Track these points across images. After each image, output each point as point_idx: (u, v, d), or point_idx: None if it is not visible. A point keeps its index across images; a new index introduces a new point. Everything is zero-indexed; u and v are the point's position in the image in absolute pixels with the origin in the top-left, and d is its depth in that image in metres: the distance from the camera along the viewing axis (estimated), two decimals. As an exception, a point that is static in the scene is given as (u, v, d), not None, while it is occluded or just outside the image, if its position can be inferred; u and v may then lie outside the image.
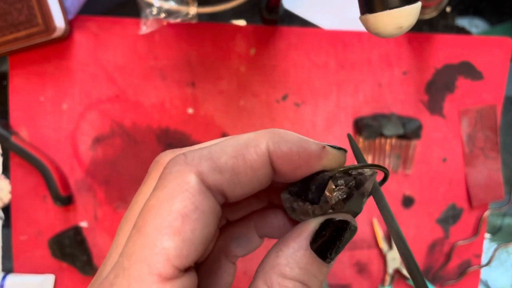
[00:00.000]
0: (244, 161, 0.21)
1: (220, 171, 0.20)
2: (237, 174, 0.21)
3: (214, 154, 0.21)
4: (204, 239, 0.20)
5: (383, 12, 0.34)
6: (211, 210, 0.20)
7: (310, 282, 0.21)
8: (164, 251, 0.18)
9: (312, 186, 0.23)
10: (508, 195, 0.66)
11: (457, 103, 0.65)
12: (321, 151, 0.22)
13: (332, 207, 0.23)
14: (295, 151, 0.22)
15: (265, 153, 0.21)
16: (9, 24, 0.58)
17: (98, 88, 0.63)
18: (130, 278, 0.18)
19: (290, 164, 0.22)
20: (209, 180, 0.20)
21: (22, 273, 0.64)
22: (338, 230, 0.22)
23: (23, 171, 0.63)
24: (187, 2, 0.60)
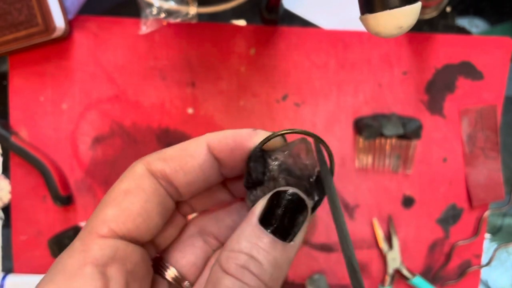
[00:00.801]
0: (185, 151, 0.25)
1: (164, 160, 0.24)
2: (179, 163, 0.24)
3: (163, 150, 0.25)
4: (143, 211, 0.23)
5: (383, 12, 0.34)
6: (153, 190, 0.24)
7: (259, 255, 0.22)
8: (103, 216, 0.23)
9: (252, 164, 0.24)
10: (508, 195, 0.66)
11: (457, 103, 0.64)
12: (251, 132, 0.25)
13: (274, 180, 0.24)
14: (230, 136, 0.25)
15: (202, 143, 0.25)
16: (9, 24, 0.58)
17: (98, 88, 0.63)
18: (75, 239, 0.23)
19: (227, 149, 0.24)
20: (153, 167, 0.24)
21: (22, 273, 0.64)
22: (277, 201, 0.23)
23: (23, 171, 0.63)
24: (187, 2, 0.60)
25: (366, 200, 0.65)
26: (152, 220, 0.24)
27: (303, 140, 0.25)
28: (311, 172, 0.25)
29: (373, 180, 0.65)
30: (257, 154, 0.24)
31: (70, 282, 0.21)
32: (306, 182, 0.25)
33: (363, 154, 0.64)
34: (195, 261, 0.28)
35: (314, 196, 0.25)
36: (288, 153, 0.24)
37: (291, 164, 0.24)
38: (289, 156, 0.24)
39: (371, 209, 0.65)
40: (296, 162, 0.24)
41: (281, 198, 0.23)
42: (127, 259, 0.23)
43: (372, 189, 0.65)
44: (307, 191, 0.24)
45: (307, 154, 0.25)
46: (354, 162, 0.64)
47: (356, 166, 0.64)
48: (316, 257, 0.65)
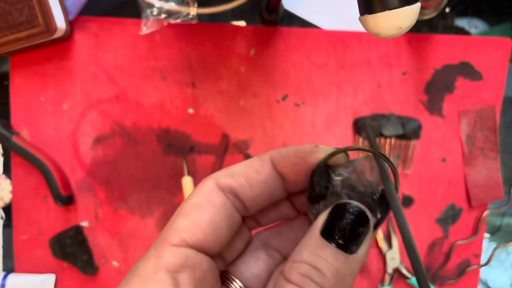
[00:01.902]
0: (250, 167, 0.26)
1: (231, 176, 0.26)
2: (246, 178, 0.26)
3: (231, 167, 0.27)
4: (212, 223, 0.25)
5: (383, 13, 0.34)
6: (221, 204, 0.25)
7: (321, 265, 0.22)
8: (175, 227, 0.24)
9: (315, 179, 0.25)
10: (507, 195, 0.66)
11: (457, 103, 0.65)
12: (314, 148, 0.26)
13: (337, 195, 0.24)
14: (292, 152, 0.26)
15: (267, 160, 0.26)
16: (10, 25, 0.58)
17: (99, 88, 0.63)
18: (150, 248, 0.25)
19: (290, 164, 0.26)
20: (222, 182, 0.26)
21: (23, 272, 0.65)
22: (339, 213, 0.24)
23: (24, 171, 0.64)
24: (187, 3, 0.61)
25: (366, 199, 0.65)
26: (220, 231, 0.25)
27: (368, 157, 0.25)
28: (375, 190, 0.25)
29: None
30: (321, 169, 0.25)
31: (145, 285, 0.23)
32: (369, 199, 0.25)
33: (363, 154, 0.64)
34: (259, 274, 0.29)
35: (377, 214, 0.25)
36: (352, 169, 0.25)
37: (355, 180, 0.25)
38: (353, 172, 0.25)
39: (370, 208, 0.65)
40: (359, 178, 0.25)
41: (343, 210, 0.23)
42: (197, 267, 0.24)
43: (371, 189, 0.65)
44: (370, 208, 0.24)
45: (371, 172, 0.25)
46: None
47: (356, 166, 0.65)
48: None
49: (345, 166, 0.25)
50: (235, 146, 0.64)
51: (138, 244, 0.65)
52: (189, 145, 0.64)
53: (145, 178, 0.64)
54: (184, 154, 0.64)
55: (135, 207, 0.64)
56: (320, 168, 0.25)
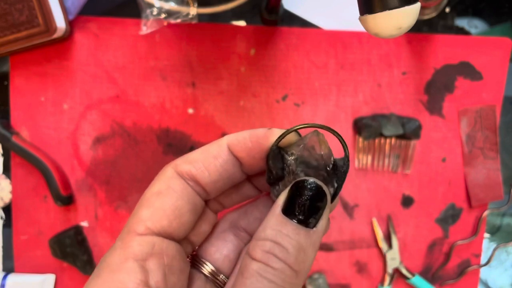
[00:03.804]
0: (208, 153, 0.27)
1: (189, 162, 0.27)
2: (203, 163, 0.27)
3: (189, 154, 0.28)
4: (175, 209, 0.26)
5: (383, 13, 0.34)
6: (182, 190, 0.26)
7: (284, 241, 0.23)
8: (139, 216, 0.25)
9: (271, 162, 0.26)
10: (507, 195, 0.66)
11: (457, 103, 0.65)
12: (266, 131, 0.27)
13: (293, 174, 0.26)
14: (247, 137, 0.27)
15: (223, 145, 0.27)
16: (10, 25, 0.58)
17: (99, 88, 0.63)
18: (116, 240, 0.26)
19: (245, 149, 0.27)
20: (181, 169, 0.27)
21: (23, 272, 0.65)
22: (297, 191, 0.24)
23: (24, 171, 0.64)
24: (187, 3, 0.61)
25: (366, 199, 0.65)
26: (183, 216, 0.26)
27: (315, 133, 0.26)
28: (327, 162, 0.26)
29: (373, 180, 0.65)
30: (274, 152, 0.26)
31: (114, 275, 0.24)
32: (324, 171, 0.26)
33: (363, 154, 0.64)
34: (228, 255, 0.30)
35: (334, 183, 0.26)
36: (303, 147, 0.26)
37: (307, 157, 0.26)
38: (304, 149, 0.26)
39: (370, 208, 0.65)
40: (311, 154, 0.26)
41: (301, 187, 0.24)
42: (164, 254, 0.25)
43: (371, 189, 0.65)
44: (325, 180, 0.26)
45: (320, 145, 0.26)
46: (353, 162, 0.65)
47: (356, 166, 0.65)
48: (316, 256, 0.65)
49: (296, 145, 0.26)
50: (235, 146, 0.64)
51: (138, 244, 0.65)
52: (189, 145, 0.64)
53: (145, 178, 0.64)
54: (184, 154, 0.64)
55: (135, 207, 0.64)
56: (273, 151, 0.26)
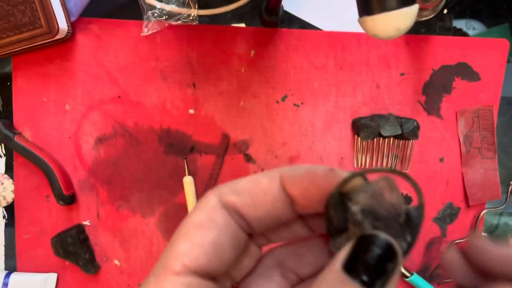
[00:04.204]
0: (257, 186, 0.24)
1: (237, 193, 0.24)
2: (252, 196, 0.24)
3: (235, 182, 0.25)
4: (215, 245, 0.23)
5: (381, 14, 0.35)
6: (224, 223, 0.23)
7: None
8: (175, 251, 0.23)
9: (332, 211, 0.23)
10: (505, 195, 0.67)
11: (454, 104, 0.65)
12: (328, 172, 0.23)
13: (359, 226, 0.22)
14: (305, 175, 0.23)
15: (276, 179, 0.24)
16: (12, 26, 0.58)
17: (101, 89, 0.64)
18: (150, 275, 0.23)
19: (301, 188, 0.23)
20: (226, 199, 0.24)
21: (25, 271, 0.65)
22: (364, 246, 0.21)
23: (26, 170, 0.64)
24: (188, 5, 0.61)
25: (365, 199, 0.65)
26: (224, 252, 0.23)
27: (385, 178, 0.23)
28: (398, 212, 0.22)
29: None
30: (336, 199, 0.23)
31: None
32: (395, 223, 0.22)
33: (361, 154, 0.65)
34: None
35: (406, 237, 0.22)
36: (371, 194, 0.22)
37: (375, 206, 0.22)
38: (372, 197, 0.22)
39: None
40: (380, 202, 0.22)
41: (368, 243, 0.21)
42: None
43: (370, 188, 0.65)
44: (396, 234, 0.22)
45: (391, 193, 0.22)
46: (352, 162, 0.65)
47: (355, 165, 0.65)
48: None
49: (362, 191, 0.22)
50: (235, 146, 0.65)
51: (140, 243, 0.65)
52: (190, 145, 0.64)
53: (146, 177, 0.64)
54: (185, 154, 0.64)
55: (137, 206, 0.65)
56: (335, 198, 0.23)
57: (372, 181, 0.23)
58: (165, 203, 0.65)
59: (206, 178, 0.65)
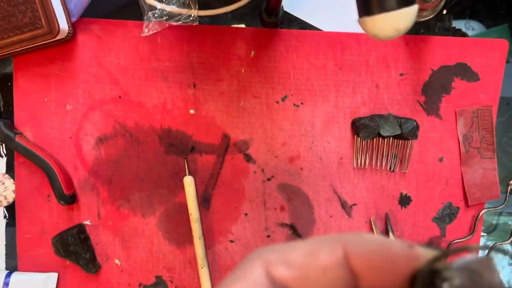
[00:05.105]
0: (315, 259, 0.19)
1: (288, 265, 0.19)
2: (306, 272, 0.19)
3: (287, 248, 0.20)
4: None
5: (381, 15, 0.35)
6: None
7: None
8: None
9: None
10: (504, 195, 0.67)
11: (454, 104, 0.66)
12: (408, 251, 0.19)
13: None
14: (377, 252, 0.19)
15: (339, 253, 0.19)
16: (13, 26, 0.59)
17: (101, 89, 0.64)
18: None
19: (372, 266, 0.19)
20: (275, 273, 0.19)
21: (26, 271, 0.65)
22: None
23: (27, 170, 0.64)
24: (188, 5, 0.61)
25: (364, 199, 0.66)
26: None
27: (485, 257, 0.19)
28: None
29: (371, 179, 0.66)
30: (425, 280, 0.19)
31: None
32: None
33: (361, 154, 0.65)
34: None
35: None
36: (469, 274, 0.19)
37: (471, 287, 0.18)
38: (470, 277, 0.19)
39: (368, 207, 0.66)
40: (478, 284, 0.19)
41: None
42: None
43: (369, 188, 0.66)
44: None
45: (490, 273, 0.19)
46: (352, 161, 0.65)
47: (354, 165, 0.65)
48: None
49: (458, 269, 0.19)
50: (236, 146, 0.65)
51: (140, 243, 0.65)
52: (190, 145, 0.65)
53: (147, 177, 0.65)
54: (185, 154, 0.65)
55: (137, 206, 0.65)
56: (424, 277, 0.19)
57: (469, 259, 0.19)
58: (165, 202, 0.65)
59: (207, 178, 0.65)
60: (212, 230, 0.65)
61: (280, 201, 0.66)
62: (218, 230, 0.66)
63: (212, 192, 0.65)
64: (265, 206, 0.65)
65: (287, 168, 0.65)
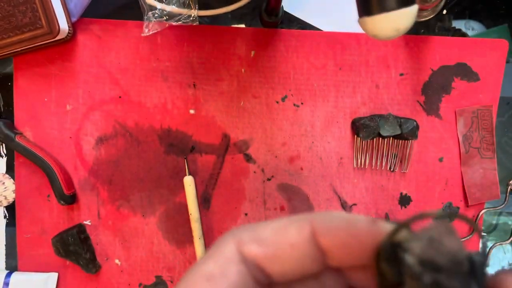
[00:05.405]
0: (284, 236, 0.21)
1: (258, 243, 0.21)
2: (276, 249, 0.20)
3: (257, 227, 0.21)
4: None
5: (381, 15, 0.35)
6: (239, 280, 0.20)
7: None
8: None
9: (384, 266, 0.20)
10: (504, 195, 0.67)
11: (453, 104, 0.66)
12: (371, 226, 0.20)
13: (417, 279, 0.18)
14: (343, 228, 0.20)
15: (306, 230, 0.20)
16: (13, 26, 0.59)
17: (101, 89, 0.64)
18: None
19: (337, 242, 0.20)
20: (246, 250, 0.21)
21: (26, 271, 0.65)
22: None
23: (27, 170, 0.64)
24: (188, 5, 0.61)
25: (364, 199, 0.66)
26: None
27: (442, 222, 0.20)
28: (461, 260, 0.19)
29: (371, 179, 0.66)
30: (387, 252, 0.20)
31: None
32: (458, 273, 0.19)
33: (361, 154, 0.65)
34: None
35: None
36: (427, 242, 0.19)
37: (433, 255, 0.19)
38: (429, 245, 0.19)
39: (368, 207, 0.66)
40: (438, 251, 0.19)
41: None
42: None
43: (369, 188, 0.66)
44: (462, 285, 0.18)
45: (449, 238, 0.19)
46: (352, 161, 0.65)
47: (354, 165, 0.66)
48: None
49: (417, 239, 0.19)
50: (236, 146, 0.65)
51: (140, 242, 0.65)
52: (190, 145, 0.65)
53: (147, 177, 0.65)
54: (185, 154, 0.65)
55: (137, 206, 0.65)
56: (387, 250, 0.20)
57: (428, 227, 0.20)
58: (165, 202, 0.65)
59: (207, 178, 0.65)
60: (212, 230, 0.65)
61: (280, 201, 0.66)
62: (218, 230, 0.66)
63: (212, 192, 0.65)
64: (265, 206, 0.65)
65: (287, 168, 0.65)
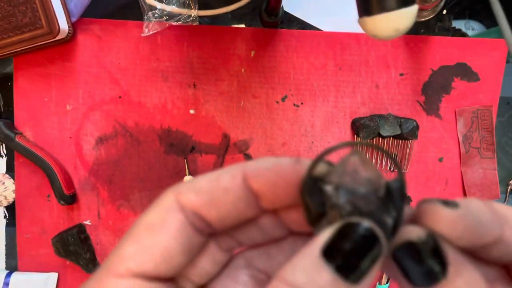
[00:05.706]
0: (217, 183, 0.22)
1: (195, 192, 0.22)
2: (211, 196, 0.22)
3: (195, 180, 0.22)
4: (164, 250, 0.21)
5: (381, 15, 0.35)
6: (179, 227, 0.21)
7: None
8: (122, 253, 0.21)
9: (307, 199, 0.21)
10: (504, 194, 0.67)
11: (453, 104, 0.66)
12: (294, 164, 0.22)
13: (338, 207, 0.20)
14: (270, 169, 0.22)
15: (239, 176, 0.22)
16: (13, 26, 0.59)
17: (102, 89, 0.64)
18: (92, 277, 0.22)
19: (266, 183, 0.22)
20: (183, 199, 0.22)
21: (26, 271, 0.65)
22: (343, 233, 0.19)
23: (27, 170, 0.64)
24: (188, 5, 0.61)
25: (364, 199, 0.66)
26: (173, 259, 0.21)
27: (355, 153, 0.21)
28: (377, 186, 0.20)
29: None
30: (309, 186, 0.21)
31: None
32: (375, 199, 0.20)
33: (361, 154, 0.65)
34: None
35: (391, 212, 0.20)
36: (343, 172, 0.20)
37: (351, 183, 0.20)
38: (345, 174, 0.20)
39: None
40: (355, 179, 0.20)
41: (350, 230, 0.19)
42: None
43: (370, 188, 0.66)
44: (379, 210, 0.20)
45: (365, 167, 0.20)
46: (352, 161, 0.65)
47: (354, 165, 0.65)
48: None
49: (334, 171, 0.21)
50: (236, 146, 0.65)
51: (140, 243, 0.65)
52: (190, 145, 0.65)
53: (147, 177, 0.65)
54: (185, 153, 0.65)
55: (137, 206, 0.65)
56: (308, 184, 0.21)
57: (344, 159, 0.21)
58: (165, 202, 0.65)
59: (207, 178, 0.65)
60: (212, 230, 0.65)
61: (280, 201, 0.65)
62: (218, 230, 0.66)
63: (212, 192, 0.65)
64: (265, 206, 0.65)
65: (287, 168, 0.65)
